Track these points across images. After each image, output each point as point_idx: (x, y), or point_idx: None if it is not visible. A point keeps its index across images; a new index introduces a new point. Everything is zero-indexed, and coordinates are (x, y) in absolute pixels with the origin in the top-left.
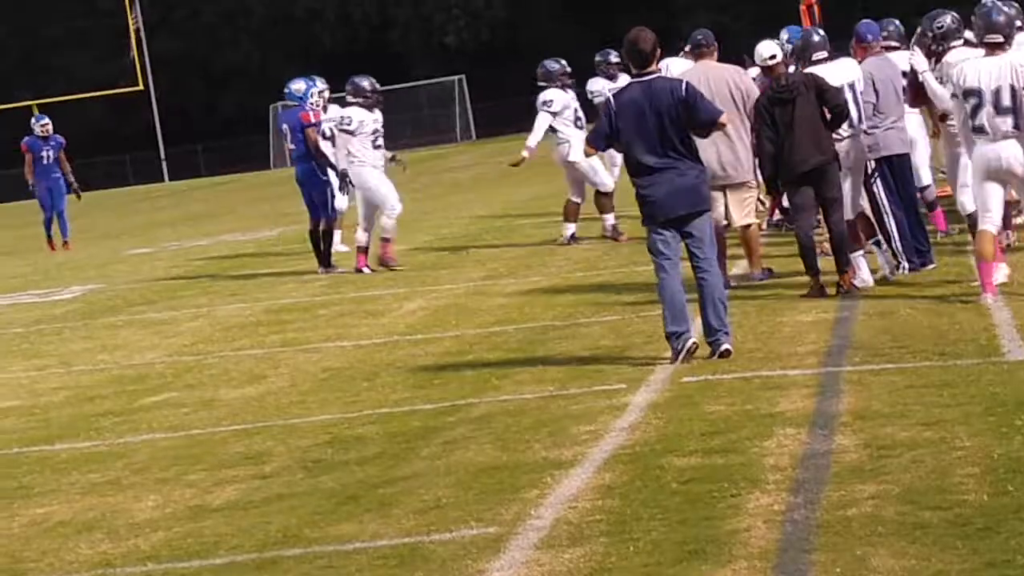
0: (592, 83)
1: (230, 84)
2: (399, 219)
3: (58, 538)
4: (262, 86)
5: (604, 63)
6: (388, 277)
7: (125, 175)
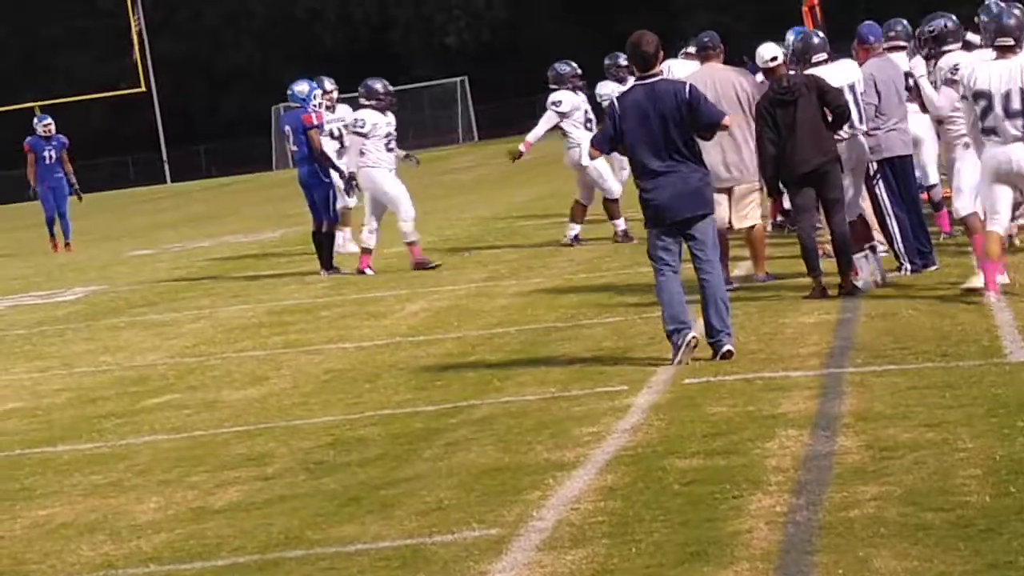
0: (601, 86)
1: (232, 85)
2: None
3: (60, 540)
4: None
5: (614, 66)
6: (390, 279)
7: (127, 176)
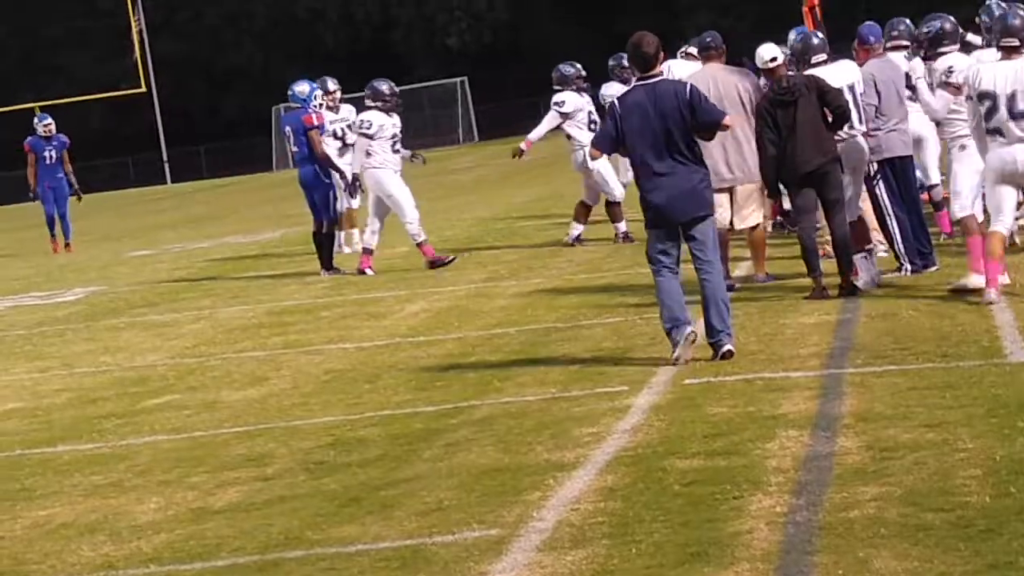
0: (607, 87)
1: (232, 86)
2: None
3: (60, 540)
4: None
5: (618, 67)
6: (390, 279)
7: (127, 177)
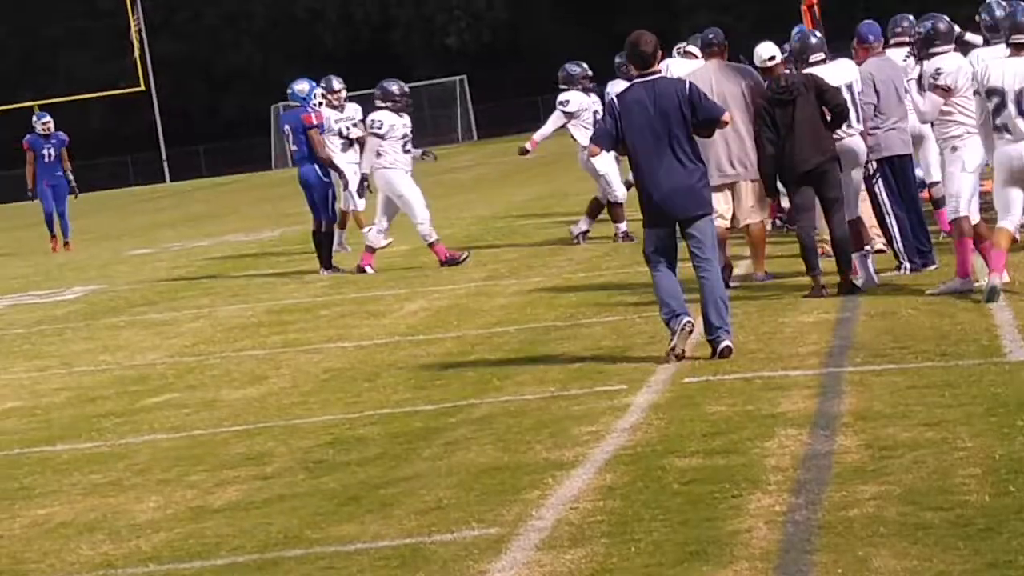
0: (612, 85)
1: (232, 86)
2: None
3: (59, 539)
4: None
5: (624, 65)
6: (389, 278)
7: (127, 176)
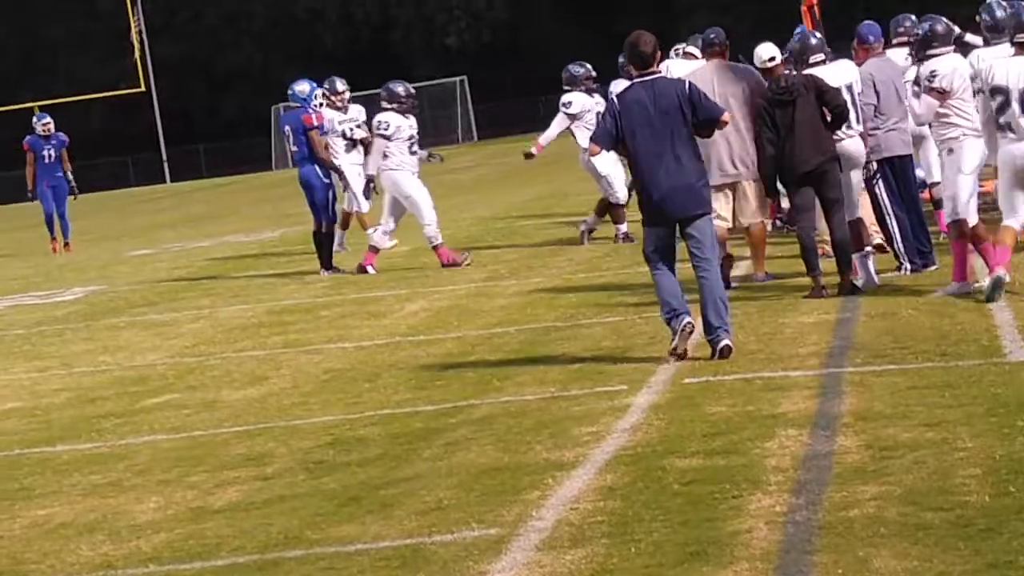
0: (615, 85)
1: (232, 86)
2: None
3: (59, 540)
4: (264, 88)
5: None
6: (390, 278)
7: (127, 176)
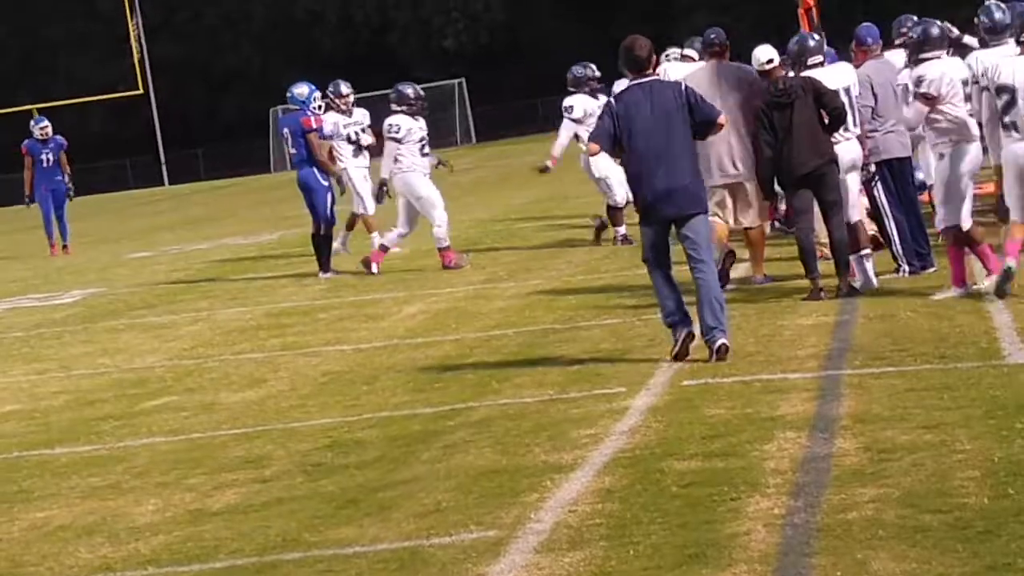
0: (618, 85)
1: (231, 88)
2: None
3: (58, 542)
4: (262, 90)
5: None
6: (388, 281)
7: (125, 179)
